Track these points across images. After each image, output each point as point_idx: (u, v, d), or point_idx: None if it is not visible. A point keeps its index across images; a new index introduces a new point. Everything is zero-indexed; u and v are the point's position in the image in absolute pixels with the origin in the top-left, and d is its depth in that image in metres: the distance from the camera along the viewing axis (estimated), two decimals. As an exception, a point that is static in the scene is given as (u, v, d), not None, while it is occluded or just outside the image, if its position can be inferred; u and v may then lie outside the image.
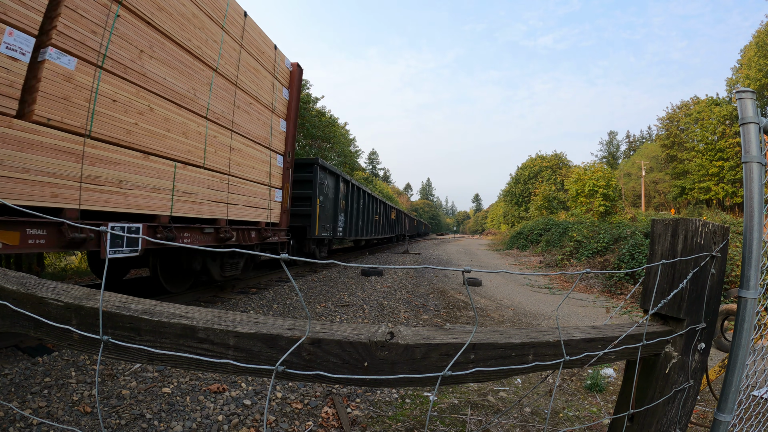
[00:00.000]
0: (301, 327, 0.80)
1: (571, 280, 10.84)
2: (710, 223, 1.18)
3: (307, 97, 19.90)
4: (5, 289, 0.81)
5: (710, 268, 1.18)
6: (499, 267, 15.30)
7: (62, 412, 2.40)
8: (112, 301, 0.80)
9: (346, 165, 27.36)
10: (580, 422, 2.69)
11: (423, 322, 5.44)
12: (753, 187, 1.32)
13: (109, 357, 0.76)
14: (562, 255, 14.68)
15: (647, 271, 1.25)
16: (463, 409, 2.77)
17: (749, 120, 1.34)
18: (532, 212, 37.87)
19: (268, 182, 6.56)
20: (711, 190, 30.34)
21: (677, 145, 33.80)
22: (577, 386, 3.38)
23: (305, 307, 0.67)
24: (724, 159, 29.76)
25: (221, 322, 0.77)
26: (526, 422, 2.61)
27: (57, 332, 0.77)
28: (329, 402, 2.79)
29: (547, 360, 0.96)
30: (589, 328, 1.13)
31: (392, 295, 7.20)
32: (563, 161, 45.13)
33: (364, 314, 5.62)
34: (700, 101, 33.09)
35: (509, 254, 22.56)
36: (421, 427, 2.48)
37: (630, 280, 9.63)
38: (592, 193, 23.81)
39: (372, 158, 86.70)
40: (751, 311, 1.31)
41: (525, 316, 6.36)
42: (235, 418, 2.49)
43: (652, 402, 1.17)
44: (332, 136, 23.76)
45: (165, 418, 2.43)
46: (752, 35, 30.69)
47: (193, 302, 5.51)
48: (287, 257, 0.68)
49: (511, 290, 9.00)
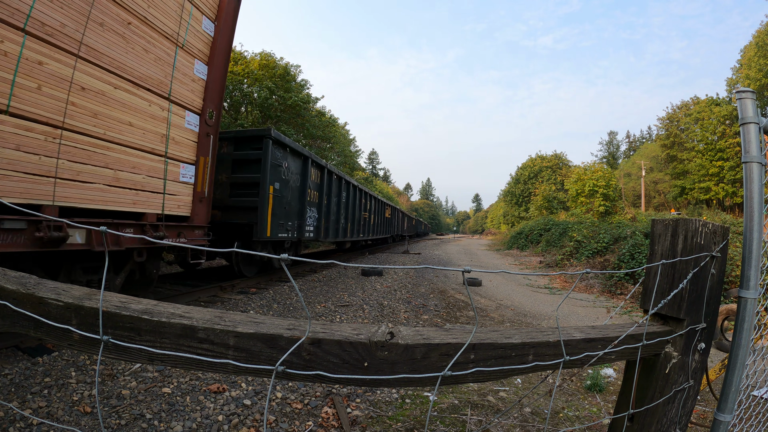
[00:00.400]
0: (301, 327, 0.80)
1: (571, 280, 10.84)
2: (710, 223, 1.18)
3: (307, 97, 19.89)
4: (5, 289, 0.81)
5: (710, 268, 1.18)
6: (499, 267, 15.30)
7: (62, 412, 2.40)
8: (112, 301, 0.80)
9: (346, 165, 27.36)
10: (580, 422, 2.69)
11: (423, 322, 5.44)
12: (753, 187, 1.32)
13: (109, 357, 0.76)
14: (562, 255, 14.68)
15: (647, 271, 1.25)
16: (463, 409, 2.77)
17: (749, 120, 1.34)
18: (532, 212, 37.87)
19: (164, 151, 4.45)
20: (711, 190, 30.34)
21: (677, 145, 33.79)
22: (577, 386, 3.38)
23: (305, 307, 0.67)
24: (724, 159, 29.75)
25: (221, 322, 0.77)
26: (526, 422, 2.61)
27: (57, 332, 0.77)
28: (329, 402, 2.79)
29: (547, 360, 0.96)
30: (589, 328, 1.13)
31: (392, 295, 7.20)
32: (563, 161, 45.12)
33: (364, 314, 5.62)
34: (700, 101, 33.09)
35: (509, 254, 22.56)
36: (421, 427, 2.48)
37: (630, 280, 9.63)
38: (592, 193, 23.82)
39: (372, 158, 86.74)
40: (751, 311, 1.31)
41: (525, 316, 6.36)
42: (235, 418, 2.49)
43: (652, 402, 1.17)
44: (332, 136, 23.75)
45: (165, 418, 2.43)
46: (752, 35, 30.70)
47: (193, 302, 5.51)
48: (287, 257, 0.68)
49: (511, 290, 9.00)
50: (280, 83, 17.97)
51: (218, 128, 5.34)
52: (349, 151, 29.85)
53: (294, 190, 7.87)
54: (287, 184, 7.47)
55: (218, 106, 5.29)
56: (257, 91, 17.62)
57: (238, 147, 6.81)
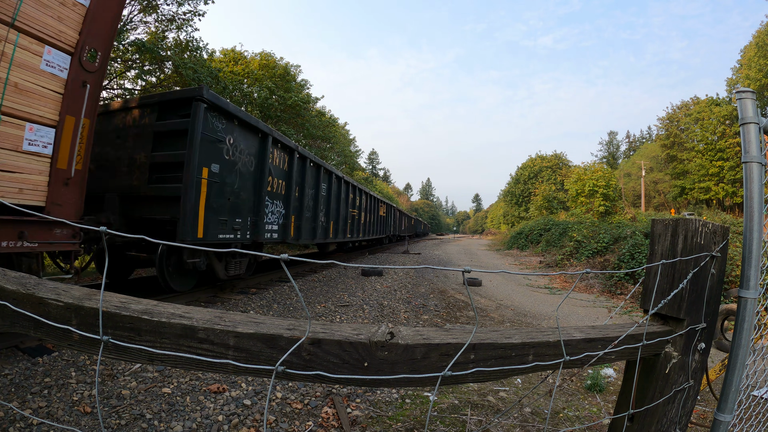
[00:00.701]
0: (301, 327, 0.80)
1: (571, 280, 10.84)
2: (710, 223, 1.18)
3: (307, 97, 19.91)
4: (5, 289, 0.81)
5: (710, 268, 1.18)
6: (499, 267, 15.30)
7: (62, 412, 2.40)
8: (112, 302, 0.80)
9: (347, 165, 27.39)
10: (580, 422, 2.69)
11: (423, 322, 5.44)
12: (753, 187, 1.32)
13: (109, 357, 0.76)
14: (562, 255, 14.69)
15: (647, 271, 1.25)
16: (463, 409, 2.77)
17: (749, 120, 1.34)
18: (532, 212, 37.88)
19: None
20: (711, 190, 30.35)
21: (677, 145, 33.81)
22: (577, 386, 3.38)
23: (305, 307, 0.67)
24: (724, 159, 29.76)
25: (221, 322, 0.77)
26: (526, 422, 2.61)
27: (57, 332, 0.77)
28: (329, 402, 2.79)
29: (547, 360, 0.96)
30: (589, 328, 1.13)
31: (392, 295, 7.20)
32: (563, 161, 45.12)
33: (364, 314, 5.62)
34: (700, 101, 33.10)
35: (509, 254, 22.56)
36: (421, 427, 2.48)
37: (630, 280, 9.63)
38: (592, 193, 23.82)
39: (372, 158, 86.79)
40: (751, 311, 1.31)
41: (525, 316, 6.36)
42: (235, 418, 2.49)
43: (652, 402, 1.17)
44: (332, 136, 23.78)
45: (165, 418, 2.43)
46: (752, 35, 30.73)
47: (193, 302, 5.51)
48: (287, 257, 0.68)
49: (511, 290, 9.00)
50: (280, 83, 17.98)
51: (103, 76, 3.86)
52: (349, 151, 29.90)
53: (245, 176, 5.86)
54: (233, 168, 5.52)
55: (106, 45, 3.72)
56: (257, 91, 17.63)
57: (163, 115, 5.05)
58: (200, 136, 4.77)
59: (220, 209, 5.28)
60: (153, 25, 12.58)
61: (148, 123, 5.12)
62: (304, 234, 8.14)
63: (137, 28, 12.45)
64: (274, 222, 6.84)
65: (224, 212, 5.38)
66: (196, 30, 14.58)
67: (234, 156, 5.55)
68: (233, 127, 5.49)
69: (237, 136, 5.59)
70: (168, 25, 12.64)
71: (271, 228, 6.71)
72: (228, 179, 5.42)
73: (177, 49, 12.70)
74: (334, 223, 10.30)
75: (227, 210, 5.45)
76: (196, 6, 12.77)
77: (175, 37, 12.99)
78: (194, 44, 13.10)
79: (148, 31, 12.61)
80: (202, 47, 13.53)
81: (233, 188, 5.57)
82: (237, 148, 5.61)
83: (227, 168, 5.39)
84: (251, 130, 5.97)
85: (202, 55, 13.89)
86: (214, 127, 5.06)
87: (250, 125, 5.85)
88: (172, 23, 12.63)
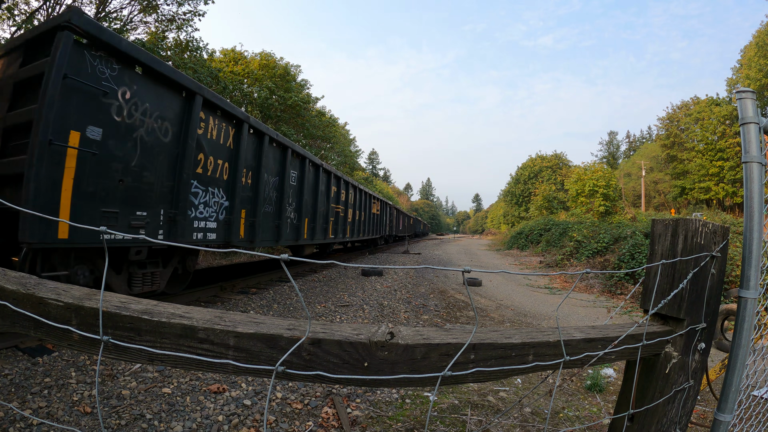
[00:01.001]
0: (301, 327, 0.80)
1: (571, 280, 10.84)
2: (710, 223, 1.18)
3: (307, 97, 19.91)
4: (5, 289, 0.81)
5: (710, 268, 1.18)
6: (499, 267, 15.30)
7: (62, 412, 2.40)
8: (112, 301, 0.80)
9: (347, 165, 27.37)
10: (580, 422, 2.69)
11: (423, 322, 5.44)
12: (753, 187, 1.32)
13: (109, 357, 0.76)
14: (562, 255, 14.69)
15: (647, 271, 1.25)
16: (463, 409, 2.77)
17: (749, 120, 1.34)
18: (532, 212, 37.86)
19: None
20: (711, 190, 30.33)
21: (677, 145, 33.79)
22: (577, 386, 3.38)
23: (305, 307, 0.67)
24: (724, 159, 29.75)
25: (221, 322, 0.77)
26: (526, 422, 2.61)
27: (57, 332, 0.77)
28: (329, 402, 2.79)
29: (547, 360, 0.96)
30: (589, 328, 1.13)
31: (392, 295, 7.20)
32: (563, 161, 45.11)
33: (364, 314, 5.62)
34: (700, 101, 33.08)
35: (509, 254, 22.56)
36: (421, 427, 2.48)
37: (630, 280, 9.63)
38: (592, 193, 23.81)
39: (372, 158, 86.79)
40: (751, 311, 1.31)
41: (525, 316, 6.36)
42: (235, 418, 2.49)
43: (652, 402, 1.17)
44: (332, 136, 23.78)
45: (165, 419, 2.43)
46: (752, 35, 30.71)
47: (193, 302, 5.51)
48: (287, 257, 0.68)
49: (511, 290, 9.00)
50: (280, 83, 17.98)
51: None
52: (349, 151, 29.89)
53: (154, 149, 4.11)
54: (130, 135, 3.81)
55: None
56: (257, 91, 17.63)
57: (28, 59, 3.56)
58: (62, 83, 3.13)
59: (103, 195, 3.57)
60: (153, 26, 12.60)
61: (11, 73, 3.63)
62: (262, 234, 6.29)
63: (137, 28, 12.47)
64: (210, 217, 5.03)
65: (112, 200, 3.67)
66: (196, 30, 14.61)
67: (132, 118, 3.81)
68: (133, 77, 3.81)
69: (139, 90, 3.87)
70: (168, 25, 12.65)
71: (205, 226, 4.94)
72: (118, 151, 3.69)
73: (177, 50, 12.71)
74: (310, 221, 8.37)
75: (118, 197, 3.73)
76: (196, 6, 12.79)
77: (175, 37, 13.01)
78: (194, 44, 13.11)
79: (148, 31, 12.62)
80: (202, 47, 13.55)
81: (130, 165, 3.82)
82: (138, 107, 3.87)
83: (118, 135, 3.68)
84: (167, 84, 4.19)
85: (202, 56, 13.90)
86: (94, 72, 3.43)
87: (164, 76, 4.09)
88: (172, 23, 12.65)
